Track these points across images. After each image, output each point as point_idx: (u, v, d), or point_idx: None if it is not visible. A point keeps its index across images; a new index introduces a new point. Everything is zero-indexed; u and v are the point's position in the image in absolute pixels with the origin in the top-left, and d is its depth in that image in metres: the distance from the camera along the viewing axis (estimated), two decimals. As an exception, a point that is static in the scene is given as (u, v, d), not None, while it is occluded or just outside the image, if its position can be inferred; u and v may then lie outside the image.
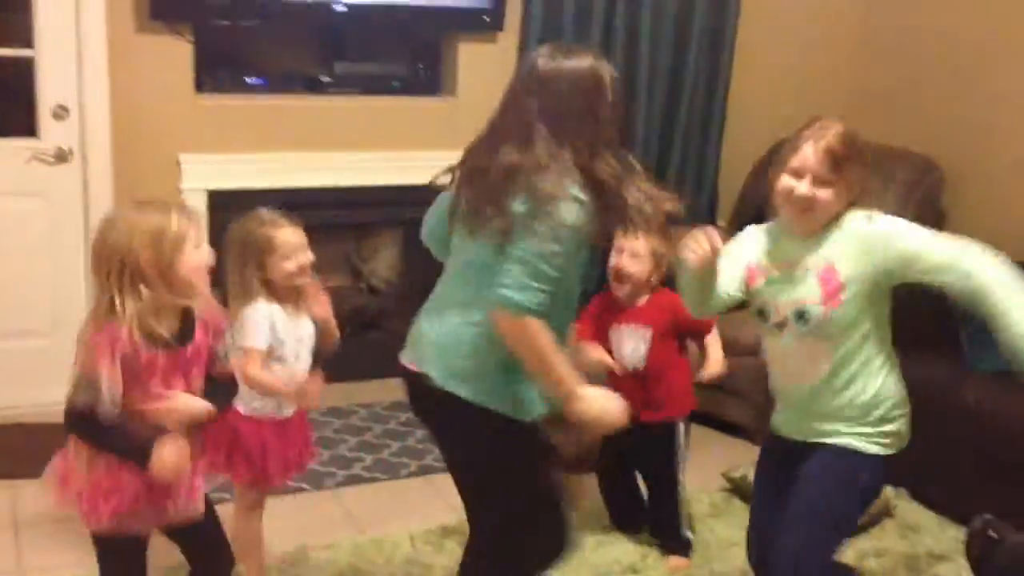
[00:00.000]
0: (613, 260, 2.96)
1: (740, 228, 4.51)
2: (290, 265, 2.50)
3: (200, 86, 3.98)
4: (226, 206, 3.96)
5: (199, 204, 3.93)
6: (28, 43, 3.69)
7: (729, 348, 3.91)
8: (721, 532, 3.20)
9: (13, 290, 3.79)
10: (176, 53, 3.88)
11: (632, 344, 2.98)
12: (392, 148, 4.27)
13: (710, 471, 3.51)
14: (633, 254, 2.92)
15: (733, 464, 3.47)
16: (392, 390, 3.99)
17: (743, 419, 3.91)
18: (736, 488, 3.42)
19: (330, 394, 2.84)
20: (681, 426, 3.05)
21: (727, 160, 4.83)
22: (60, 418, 2.05)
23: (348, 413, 4.00)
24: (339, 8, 4.02)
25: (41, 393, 3.68)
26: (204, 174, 3.95)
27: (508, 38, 4.35)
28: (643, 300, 3.00)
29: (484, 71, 4.35)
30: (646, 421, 2.90)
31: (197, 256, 2.08)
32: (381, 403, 4.05)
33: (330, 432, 3.81)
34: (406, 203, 4.34)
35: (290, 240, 2.51)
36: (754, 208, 4.49)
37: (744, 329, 3.83)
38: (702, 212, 4.80)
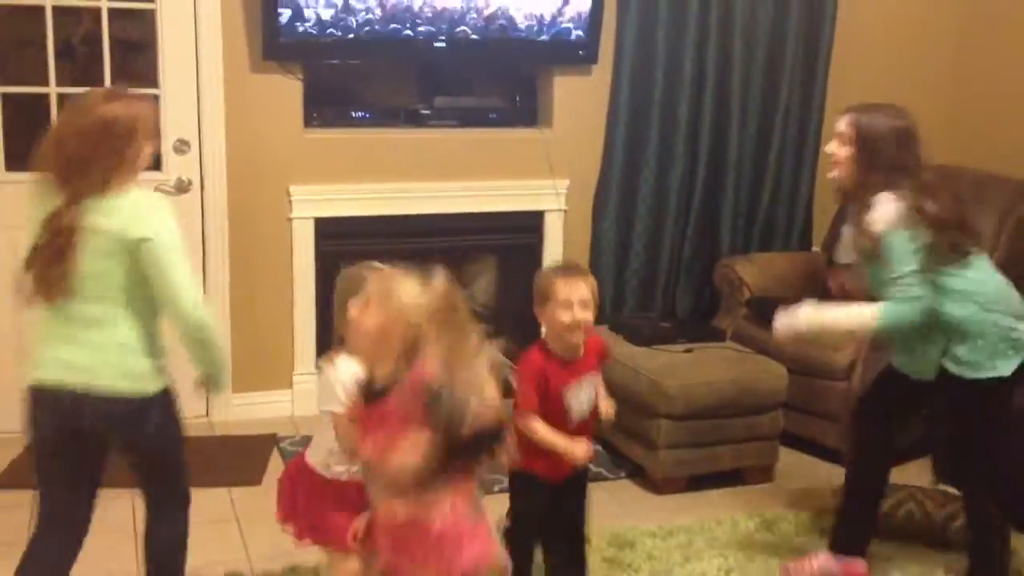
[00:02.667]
0: (563, 315, 2.58)
1: (834, 254, 4.51)
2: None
3: (308, 121, 4.21)
4: (331, 233, 4.20)
5: (307, 231, 4.16)
6: (154, 83, 3.98)
7: (820, 372, 3.95)
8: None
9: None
10: (287, 91, 4.11)
11: (586, 395, 2.69)
12: (490, 178, 4.42)
13: (797, 495, 3.54)
14: (583, 303, 2.60)
15: (818, 487, 3.50)
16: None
17: (835, 442, 3.88)
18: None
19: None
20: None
21: (822, 185, 4.83)
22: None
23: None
24: (438, 45, 4.21)
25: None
26: (312, 203, 4.18)
27: (602, 70, 4.47)
28: (582, 347, 2.69)
29: (579, 102, 4.50)
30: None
31: None
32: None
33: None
34: (503, 230, 4.54)
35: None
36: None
37: (836, 354, 3.88)
38: (795, 237, 4.84)
